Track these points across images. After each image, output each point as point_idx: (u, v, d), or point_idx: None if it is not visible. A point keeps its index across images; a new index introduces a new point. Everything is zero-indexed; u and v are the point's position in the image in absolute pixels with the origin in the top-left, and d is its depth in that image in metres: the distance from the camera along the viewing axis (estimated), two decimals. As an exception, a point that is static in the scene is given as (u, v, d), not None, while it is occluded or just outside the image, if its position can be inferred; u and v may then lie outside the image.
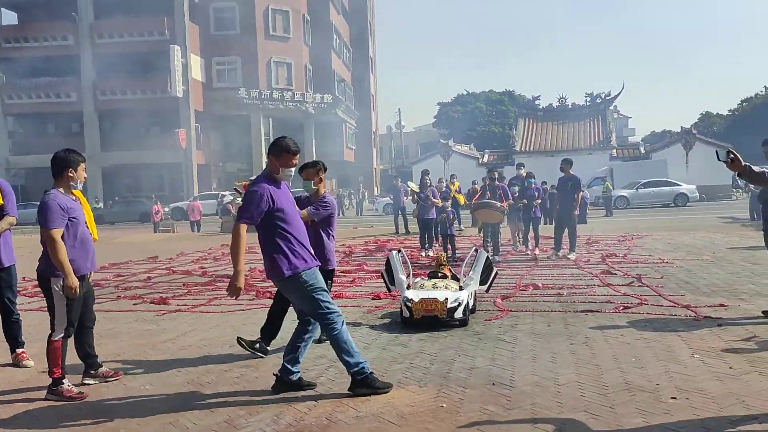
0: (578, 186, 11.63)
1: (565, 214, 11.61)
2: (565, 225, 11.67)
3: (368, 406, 4.24)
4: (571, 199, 11.52)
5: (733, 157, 4.28)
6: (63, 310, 4.66)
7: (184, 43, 39.45)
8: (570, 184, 11.56)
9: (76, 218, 4.68)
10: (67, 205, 4.63)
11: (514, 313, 6.96)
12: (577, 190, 11.55)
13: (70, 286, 4.52)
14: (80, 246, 4.72)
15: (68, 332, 4.75)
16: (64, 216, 4.57)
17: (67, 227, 4.61)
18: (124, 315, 7.78)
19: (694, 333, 5.77)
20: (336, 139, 51.40)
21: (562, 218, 11.73)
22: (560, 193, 11.94)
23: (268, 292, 8.79)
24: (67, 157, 4.74)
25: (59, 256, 4.48)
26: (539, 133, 42.70)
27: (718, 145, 38.81)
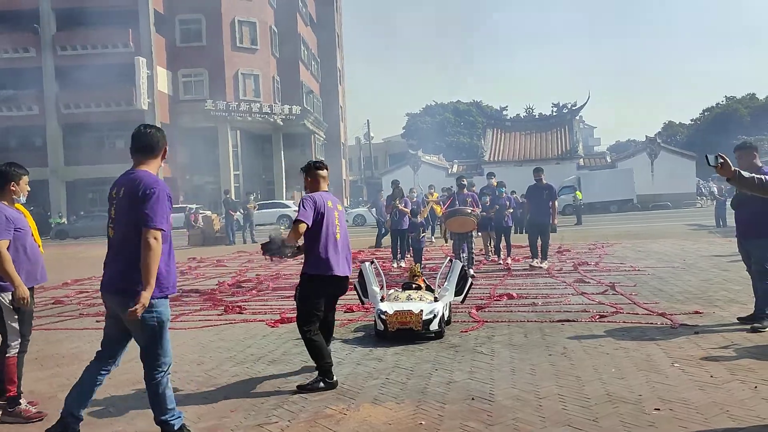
0: (554, 195, 11.59)
1: (540, 223, 11.45)
2: (539, 233, 11.52)
3: (344, 426, 4.07)
4: (546, 208, 11.40)
5: (723, 161, 4.24)
6: (14, 324, 4.50)
7: (150, 55, 38.89)
8: (546, 193, 11.45)
9: (22, 228, 4.57)
10: (12, 216, 4.51)
11: (490, 324, 6.84)
12: (553, 199, 11.48)
13: (21, 297, 4.39)
14: (29, 257, 4.59)
15: (23, 346, 4.58)
16: (9, 227, 4.43)
17: (15, 239, 4.48)
18: (87, 333, 7.47)
19: (672, 341, 5.72)
20: (305, 150, 51.07)
21: (537, 226, 11.55)
22: (532, 201, 11.76)
23: (237, 307, 8.56)
24: (8, 171, 4.64)
25: (6, 267, 4.33)
26: (507, 143, 43.03)
27: (682, 153, 39.66)
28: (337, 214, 5.07)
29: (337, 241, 4.98)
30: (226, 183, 40.51)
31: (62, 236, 33.24)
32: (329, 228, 4.96)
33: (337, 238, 5.00)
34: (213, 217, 24.18)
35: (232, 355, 6.06)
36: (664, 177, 36.63)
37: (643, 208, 35.06)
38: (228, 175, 41.46)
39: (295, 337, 6.70)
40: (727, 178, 4.34)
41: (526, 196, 12.06)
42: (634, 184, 35.15)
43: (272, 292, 10.10)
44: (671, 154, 38.92)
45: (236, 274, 12.88)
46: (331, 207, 5.02)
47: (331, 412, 4.33)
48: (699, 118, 68.88)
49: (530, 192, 11.91)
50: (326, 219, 4.95)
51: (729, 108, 63.07)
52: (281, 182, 45.49)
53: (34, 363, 5.87)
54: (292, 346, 6.33)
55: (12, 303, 4.43)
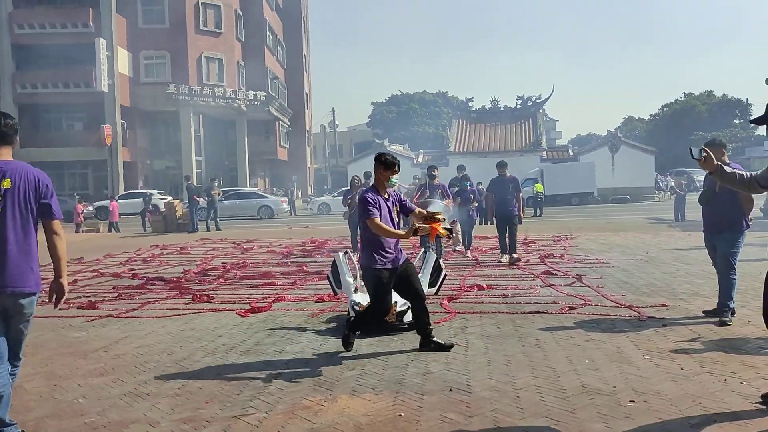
0: (519, 187, 11.55)
1: (509, 215, 11.26)
2: (507, 226, 11.37)
3: (322, 417, 4.03)
4: (512, 200, 11.29)
5: (706, 155, 4.30)
6: None
7: (111, 36, 37.89)
8: (512, 185, 11.34)
9: None
10: None
11: (462, 315, 6.88)
12: (518, 191, 11.45)
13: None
14: None
15: None
16: None
17: None
18: (49, 321, 7.25)
19: (641, 333, 5.82)
20: (269, 137, 50.58)
21: (507, 219, 11.32)
22: (498, 194, 11.51)
23: (205, 296, 8.43)
24: None
25: None
26: (472, 134, 43.33)
27: (642, 148, 40.47)
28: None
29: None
30: (188, 168, 39.83)
31: (17, 220, 32.29)
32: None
33: None
34: (175, 204, 23.77)
35: (203, 345, 5.96)
36: (624, 171, 37.36)
37: (603, 201, 35.73)
38: (190, 161, 40.76)
39: (266, 327, 6.65)
40: (709, 172, 4.42)
41: (490, 189, 11.82)
42: (596, 177, 35.76)
43: (240, 281, 9.97)
44: (631, 149, 39.71)
45: (201, 261, 12.69)
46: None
47: (308, 403, 4.29)
48: (658, 114, 70.38)
49: (495, 185, 11.66)
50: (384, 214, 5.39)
51: (687, 104, 64.60)
52: (245, 168, 44.94)
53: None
54: (264, 336, 6.26)
55: None
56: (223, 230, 21.63)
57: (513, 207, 11.28)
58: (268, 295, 8.52)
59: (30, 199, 3.77)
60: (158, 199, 30.11)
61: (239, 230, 22.08)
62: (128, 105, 39.85)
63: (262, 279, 9.98)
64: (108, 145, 37.15)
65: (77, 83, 37.41)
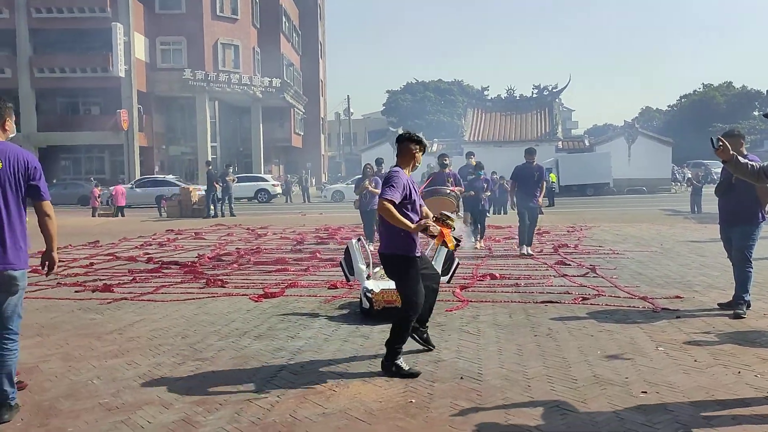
0: (544, 177, 11.11)
1: (532, 206, 10.79)
2: (528, 215, 10.87)
3: (334, 403, 4.06)
4: (536, 190, 10.82)
5: (722, 145, 4.28)
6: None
7: (128, 21, 37.98)
8: (537, 174, 10.84)
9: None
10: None
11: (474, 304, 6.88)
12: (543, 181, 11.01)
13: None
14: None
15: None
16: None
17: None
18: (65, 303, 7.35)
19: (654, 325, 5.79)
20: (284, 124, 50.65)
21: (528, 210, 10.84)
22: (522, 183, 10.92)
23: (219, 280, 8.49)
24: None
25: None
26: (488, 124, 43.05)
27: (659, 139, 40.06)
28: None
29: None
30: (203, 154, 40.00)
31: (34, 203, 32.60)
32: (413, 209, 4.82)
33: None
34: (190, 189, 23.90)
35: (217, 329, 6.01)
36: (641, 162, 37.06)
37: (618, 192, 35.48)
38: (205, 147, 40.90)
39: (279, 312, 6.69)
40: (724, 161, 4.39)
41: (514, 177, 11.09)
42: (611, 168, 35.49)
43: (254, 266, 10.02)
44: (648, 140, 39.31)
45: (216, 247, 12.76)
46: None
47: (320, 388, 4.32)
48: (676, 105, 69.62)
49: (519, 173, 10.95)
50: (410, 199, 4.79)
51: (706, 95, 63.80)
52: (259, 155, 45.05)
53: None
54: (277, 321, 6.29)
55: None
56: (237, 216, 21.73)
57: (536, 197, 10.86)
58: (282, 280, 8.56)
59: (20, 180, 3.89)
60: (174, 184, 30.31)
61: (254, 216, 22.17)
62: (145, 90, 40.01)
63: (275, 265, 10.03)
64: (124, 130, 37.35)
65: (94, 68, 37.57)
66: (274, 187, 35.20)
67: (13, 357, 3.93)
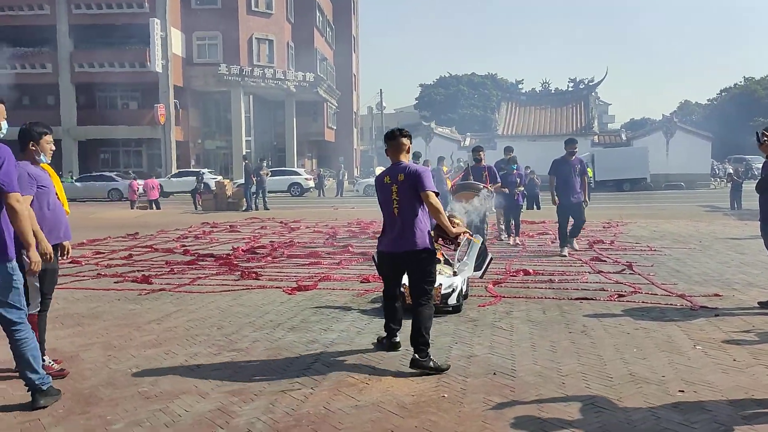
0: (585, 170, 10.54)
1: (573, 203, 10.14)
2: (571, 215, 10.26)
3: (367, 395, 4.09)
4: (578, 184, 10.19)
5: (767, 139, 4.19)
6: (35, 282, 4.50)
7: (165, 17, 38.50)
8: (578, 167, 10.22)
9: (45, 186, 4.55)
10: (35, 173, 4.49)
11: (507, 300, 6.84)
12: (584, 176, 10.40)
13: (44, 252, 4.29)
14: (52, 214, 4.59)
15: (44, 305, 4.61)
16: (32, 183, 4.41)
17: (38, 196, 4.47)
18: (105, 294, 7.52)
19: (692, 323, 5.70)
20: (317, 118, 50.86)
21: (570, 206, 10.18)
22: (562, 178, 10.23)
23: (253, 273, 8.59)
24: (29, 130, 4.58)
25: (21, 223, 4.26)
26: (522, 118, 42.66)
27: (698, 134, 39.19)
28: (396, 188, 4.76)
29: (395, 218, 4.79)
30: (237, 148, 40.47)
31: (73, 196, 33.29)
32: (385, 205, 4.89)
33: (395, 214, 4.78)
34: (225, 183, 24.19)
35: (251, 321, 6.09)
36: (679, 157, 36.32)
37: (656, 188, 34.85)
38: (240, 141, 41.31)
39: (312, 305, 6.75)
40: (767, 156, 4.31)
41: (553, 171, 10.38)
42: (649, 163, 34.87)
43: (287, 259, 10.11)
44: (687, 134, 38.48)
45: (250, 240, 12.90)
46: (388, 182, 4.82)
47: (353, 381, 4.35)
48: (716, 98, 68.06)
49: (558, 167, 10.30)
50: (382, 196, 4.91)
51: (747, 89, 62.17)
52: (292, 149, 45.35)
53: (55, 321, 5.92)
54: (310, 313, 6.35)
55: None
56: (270, 209, 21.93)
57: (579, 192, 10.22)
58: (315, 274, 8.63)
59: None
60: (209, 178, 30.78)
61: (286, 210, 22.34)
62: (181, 85, 40.56)
63: (308, 258, 10.11)
64: (161, 125, 37.93)
65: (132, 63, 38.21)
66: (307, 181, 35.51)
67: (26, 345, 3.90)
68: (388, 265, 4.99)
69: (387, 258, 4.95)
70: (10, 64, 36.90)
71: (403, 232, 4.73)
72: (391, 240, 4.83)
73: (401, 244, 4.74)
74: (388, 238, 4.87)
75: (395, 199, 4.77)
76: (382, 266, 5.13)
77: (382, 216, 4.96)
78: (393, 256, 4.85)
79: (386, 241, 4.89)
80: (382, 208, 4.93)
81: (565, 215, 10.26)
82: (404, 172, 4.76)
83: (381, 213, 4.97)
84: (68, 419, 3.79)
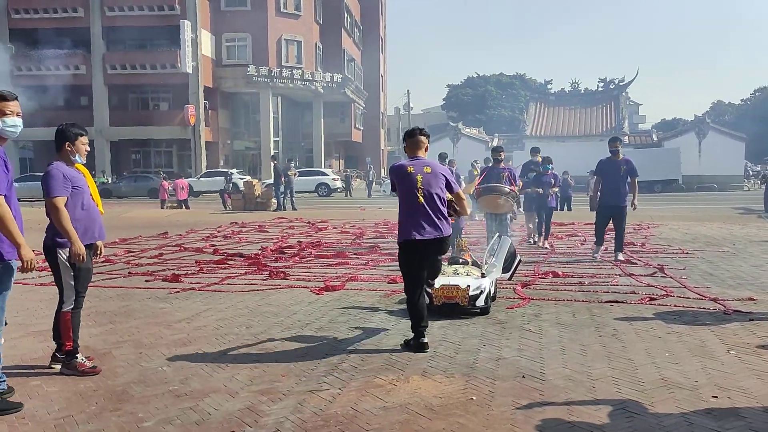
0: (634, 170, 9.78)
1: (616, 205, 9.62)
2: (613, 219, 9.70)
3: (394, 397, 4.08)
4: (624, 187, 9.69)
5: None
6: (70, 280, 4.59)
7: (195, 18, 38.97)
8: (624, 168, 9.68)
9: (80, 187, 4.64)
10: (71, 174, 4.59)
11: (536, 302, 6.78)
12: (633, 176, 9.77)
13: (77, 252, 4.45)
14: (86, 214, 4.67)
15: (78, 303, 4.68)
16: (67, 184, 4.52)
17: (73, 196, 4.56)
18: (136, 292, 7.64)
19: (726, 327, 5.59)
20: (344, 119, 51.06)
21: (612, 210, 9.67)
22: (607, 179, 9.81)
23: (281, 273, 8.65)
24: (65, 131, 4.68)
25: (63, 223, 4.42)
26: (550, 118, 42.33)
27: (731, 135, 38.47)
28: (420, 177, 5.08)
29: (418, 205, 5.04)
30: (266, 149, 40.81)
31: (106, 195, 33.91)
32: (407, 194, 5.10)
33: (420, 201, 5.05)
34: (254, 183, 24.39)
35: (280, 320, 6.13)
36: (712, 158, 35.72)
37: (688, 189, 34.30)
38: (268, 141, 41.65)
39: (340, 305, 6.76)
40: None
41: (598, 172, 10.10)
42: (680, 164, 34.33)
43: (315, 259, 10.15)
44: (720, 135, 37.82)
45: (278, 239, 12.99)
46: (412, 172, 5.11)
47: (381, 382, 4.35)
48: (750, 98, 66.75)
49: (603, 167, 9.90)
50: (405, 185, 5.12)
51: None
52: (320, 150, 45.58)
53: (87, 319, 6.02)
54: (338, 314, 6.37)
55: (68, 259, 4.52)
56: (298, 210, 22.06)
57: (624, 196, 9.69)
58: (342, 274, 8.65)
59: None
60: (237, 178, 31.08)
61: (314, 210, 22.45)
62: (211, 86, 41.02)
63: (335, 258, 10.14)
64: (191, 125, 38.41)
65: (163, 64, 38.76)
66: (334, 181, 35.71)
67: None
68: (419, 252, 5.10)
69: (419, 245, 5.06)
70: (45, 66, 37.68)
71: (428, 219, 5.04)
72: (418, 226, 5.02)
73: (430, 231, 5.03)
74: (412, 225, 5.04)
75: (420, 188, 5.06)
76: (411, 255, 5.14)
77: (401, 205, 5.16)
78: (425, 243, 5.04)
79: (412, 229, 5.04)
80: (404, 196, 5.12)
81: (604, 218, 9.84)
82: (430, 165, 5.22)
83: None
84: (101, 416, 3.85)
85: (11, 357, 4.99)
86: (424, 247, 5.06)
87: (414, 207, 5.05)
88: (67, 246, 4.50)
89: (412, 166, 5.15)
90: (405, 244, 5.12)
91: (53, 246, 4.56)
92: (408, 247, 5.12)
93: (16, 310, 6.69)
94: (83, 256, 4.49)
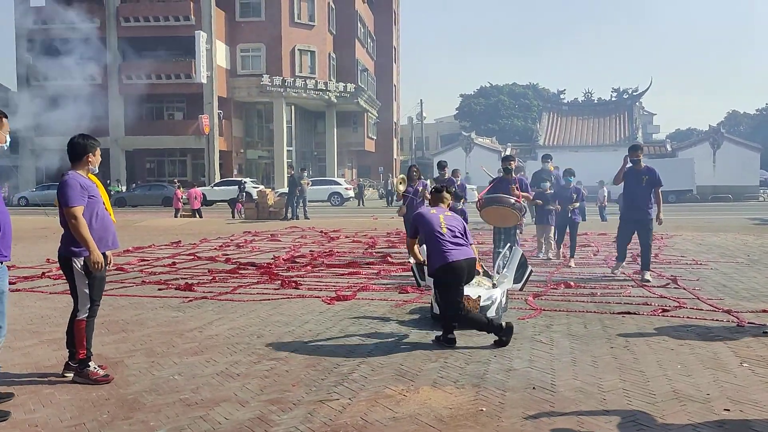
0: (658, 180, 8.94)
1: (639, 218, 8.96)
2: (637, 232, 9.07)
3: (404, 407, 4.09)
4: (647, 198, 8.95)
5: None
6: (84, 289, 4.64)
7: (210, 29, 39.34)
8: (646, 178, 8.95)
9: (94, 196, 4.71)
10: (86, 184, 4.66)
11: (548, 313, 6.76)
12: (657, 186, 8.95)
13: (95, 261, 4.52)
14: (101, 223, 4.72)
15: (92, 311, 4.74)
16: (84, 194, 4.58)
17: (88, 205, 4.62)
18: (149, 301, 7.69)
19: (739, 340, 5.54)
20: (357, 128, 51.22)
21: (635, 223, 9.05)
22: (628, 189, 9.17)
23: (293, 282, 8.68)
24: (86, 143, 4.75)
25: (82, 232, 4.50)
26: (563, 128, 42.23)
27: (746, 145, 38.20)
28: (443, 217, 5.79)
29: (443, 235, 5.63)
30: (279, 158, 41.03)
31: (120, 204, 34.21)
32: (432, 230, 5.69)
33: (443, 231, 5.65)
34: (267, 192, 24.51)
35: (291, 330, 6.15)
36: (727, 168, 35.47)
37: (702, 200, 34.05)
38: (281, 151, 41.85)
39: (351, 315, 6.78)
40: None
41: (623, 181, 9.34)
42: (695, 174, 34.11)
43: (326, 269, 10.18)
44: (735, 145, 37.55)
45: (290, 249, 13.03)
46: (434, 213, 5.87)
47: (390, 392, 4.36)
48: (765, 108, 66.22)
49: (624, 177, 9.24)
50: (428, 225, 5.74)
51: (799, 98, 60.32)
52: (333, 159, 45.74)
53: (101, 327, 6.07)
54: (348, 324, 6.38)
55: (83, 268, 4.58)
56: (310, 219, 22.12)
57: (648, 208, 8.95)
58: (353, 284, 8.67)
59: None
60: (251, 187, 31.27)
61: (326, 219, 22.51)
62: (225, 96, 41.33)
63: (347, 268, 10.16)
64: (206, 135, 38.68)
65: (178, 74, 39.16)
66: (347, 190, 35.79)
67: None
68: (458, 273, 5.54)
69: (459, 266, 5.52)
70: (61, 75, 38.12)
71: (455, 244, 5.60)
72: (454, 251, 5.54)
73: (465, 252, 5.60)
74: (441, 252, 5.54)
75: (442, 223, 5.71)
76: (448, 278, 5.56)
77: (427, 243, 5.70)
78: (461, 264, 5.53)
79: (442, 255, 5.52)
80: (429, 233, 5.66)
81: (627, 232, 9.24)
82: (451, 210, 6.29)
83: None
84: (113, 424, 3.88)
85: (24, 365, 5.05)
86: (459, 269, 5.50)
87: (438, 237, 5.59)
88: (81, 255, 4.57)
89: (434, 209, 5.96)
90: (440, 269, 5.54)
91: (68, 255, 4.62)
92: (443, 271, 5.53)
93: (30, 318, 6.77)
94: (101, 264, 4.55)
